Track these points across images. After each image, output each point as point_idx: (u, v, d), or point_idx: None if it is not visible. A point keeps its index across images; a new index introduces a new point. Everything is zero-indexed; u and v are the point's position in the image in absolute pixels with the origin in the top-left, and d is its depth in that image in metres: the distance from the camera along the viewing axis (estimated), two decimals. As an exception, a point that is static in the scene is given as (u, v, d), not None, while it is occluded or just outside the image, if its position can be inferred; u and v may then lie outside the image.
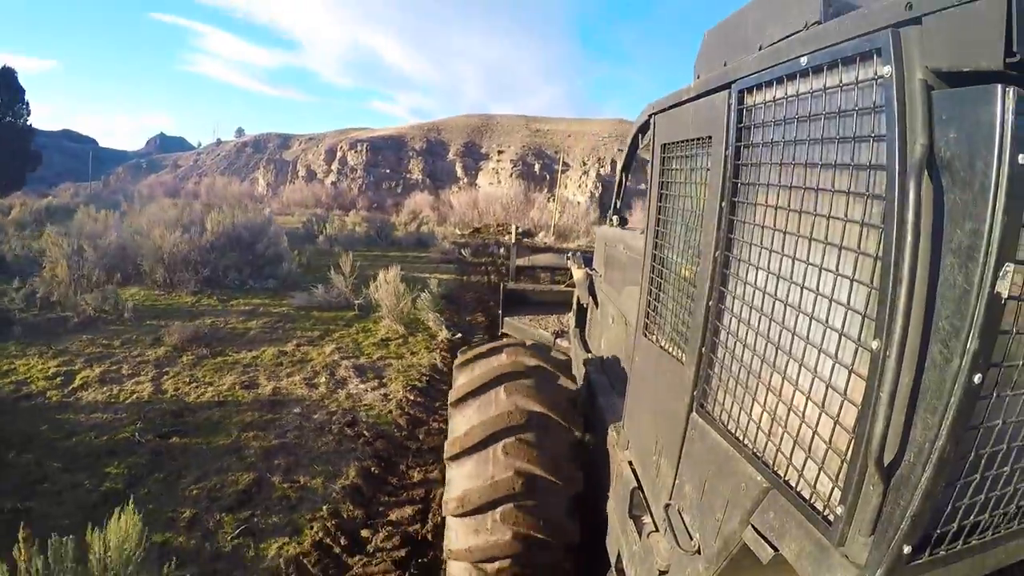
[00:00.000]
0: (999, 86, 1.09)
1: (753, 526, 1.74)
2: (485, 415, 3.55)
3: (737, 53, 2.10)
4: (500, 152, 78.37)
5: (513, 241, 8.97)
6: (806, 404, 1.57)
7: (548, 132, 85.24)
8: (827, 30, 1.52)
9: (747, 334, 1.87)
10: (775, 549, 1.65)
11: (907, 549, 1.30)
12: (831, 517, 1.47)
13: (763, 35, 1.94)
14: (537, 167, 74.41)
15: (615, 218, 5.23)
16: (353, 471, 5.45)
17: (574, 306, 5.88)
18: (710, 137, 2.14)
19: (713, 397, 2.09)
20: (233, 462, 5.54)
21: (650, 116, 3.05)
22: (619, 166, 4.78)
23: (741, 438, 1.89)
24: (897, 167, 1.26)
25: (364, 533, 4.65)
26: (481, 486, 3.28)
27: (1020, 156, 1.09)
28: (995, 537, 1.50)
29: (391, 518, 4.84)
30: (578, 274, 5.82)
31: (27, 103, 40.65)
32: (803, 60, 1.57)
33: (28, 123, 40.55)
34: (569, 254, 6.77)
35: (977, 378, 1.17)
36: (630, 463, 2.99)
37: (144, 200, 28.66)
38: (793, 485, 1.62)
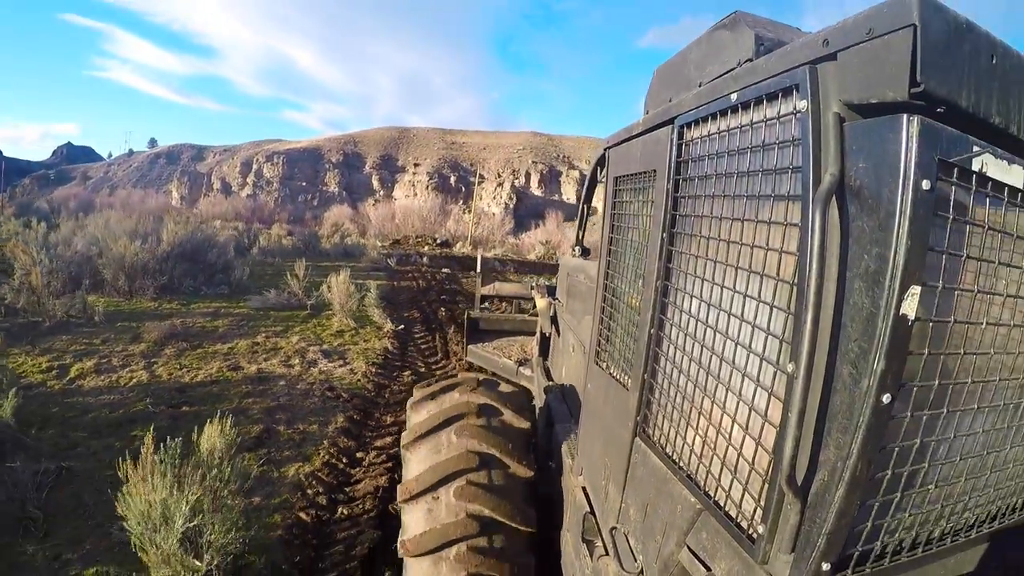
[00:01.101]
0: (904, 115, 1.14)
1: (688, 547, 1.78)
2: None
3: (680, 90, 2.17)
4: (416, 165, 79.34)
5: (478, 270, 9.15)
6: (732, 427, 1.61)
7: (464, 145, 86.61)
8: (755, 67, 1.58)
9: (682, 360, 1.92)
10: (708, 569, 1.68)
11: (826, 567, 1.33)
12: (755, 536, 1.50)
13: (703, 73, 2.02)
14: (453, 179, 75.80)
15: (577, 249, 5.31)
16: (341, 419, 7.08)
17: (537, 335, 5.89)
18: (655, 171, 2.21)
19: (654, 422, 2.15)
20: (242, 419, 6.95)
21: (605, 150, 3.15)
22: (581, 199, 4.91)
23: (677, 461, 1.94)
24: (810, 196, 1.30)
25: (359, 455, 6.33)
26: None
27: (924, 182, 1.13)
28: (927, 554, 1.53)
29: (376, 445, 6.54)
30: (541, 303, 5.87)
31: None
32: (733, 96, 1.64)
33: None
34: (533, 284, 6.93)
35: (886, 398, 1.20)
36: (584, 489, 3.06)
37: (71, 212, 28.73)
38: (722, 506, 1.66)
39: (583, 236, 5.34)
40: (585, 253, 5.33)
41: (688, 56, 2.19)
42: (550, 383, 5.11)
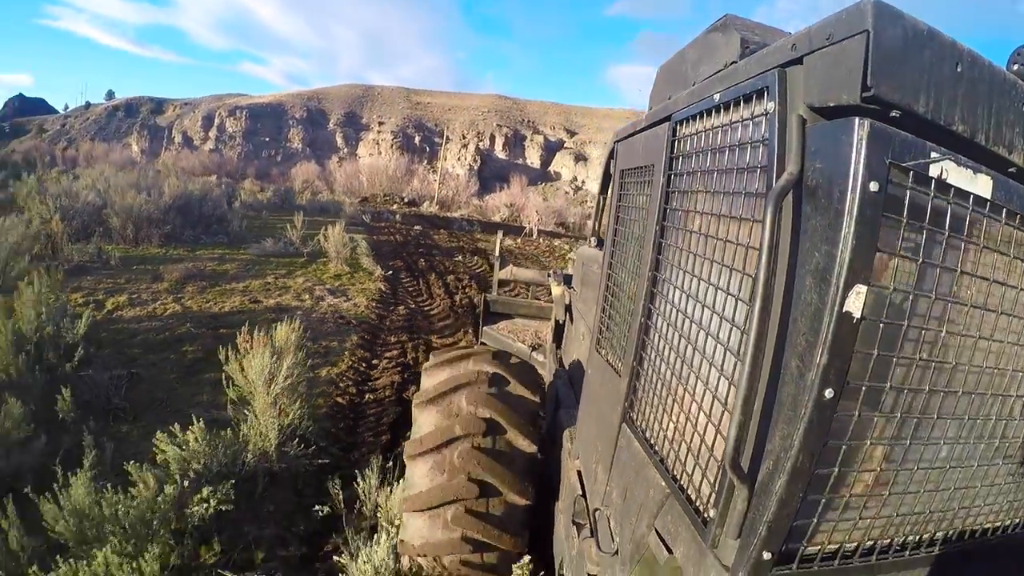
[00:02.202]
0: (856, 118, 1.20)
1: (656, 529, 1.86)
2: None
3: (678, 88, 2.23)
4: (381, 123, 79.53)
5: (497, 253, 9.14)
6: (699, 414, 1.68)
7: (429, 105, 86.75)
8: (736, 69, 1.68)
9: (664, 348, 2.00)
10: (670, 552, 1.75)
11: (767, 555, 1.37)
12: (707, 520, 1.58)
13: (697, 72, 2.09)
14: (417, 139, 76.29)
15: (593, 239, 5.37)
16: (355, 337, 8.94)
17: (552, 323, 5.96)
18: (653, 165, 2.28)
19: (638, 408, 2.23)
20: (274, 337, 8.63)
21: (614, 143, 3.27)
22: (597, 189, 5.00)
23: (653, 446, 2.02)
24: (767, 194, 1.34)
25: (374, 362, 8.17)
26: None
27: (872, 184, 1.18)
28: (882, 562, 1.54)
29: (386, 356, 8.41)
30: (556, 291, 5.95)
31: None
32: (716, 96, 1.73)
33: None
34: (551, 272, 6.97)
35: (828, 392, 1.24)
36: (579, 472, 3.15)
37: (46, 165, 29.34)
38: (685, 490, 1.74)
39: (599, 227, 5.36)
40: (600, 244, 5.29)
41: (686, 56, 2.28)
42: (560, 369, 5.29)
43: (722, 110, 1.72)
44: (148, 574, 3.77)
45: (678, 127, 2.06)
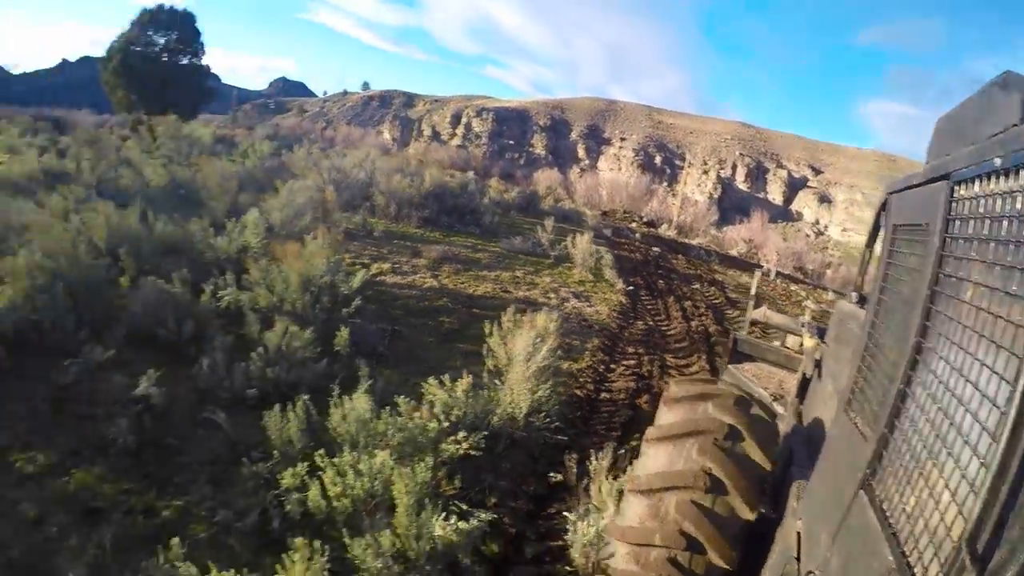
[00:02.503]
0: None
1: None
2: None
3: (957, 144, 2.18)
4: (622, 139, 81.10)
5: (752, 292, 9.21)
6: (942, 490, 1.64)
7: (670, 126, 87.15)
8: (1019, 133, 1.60)
9: (918, 418, 1.96)
10: None
11: None
12: None
13: (977, 130, 2.03)
14: (658, 159, 76.88)
15: (854, 294, 5.22)
16: (596, 340, 9.64)
17: (799, 375, 5.83)
18: (927, 224, 2.23)
19: (879, 477, 2.21)
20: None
21: (887, 195, 3.25)
22: (864, 242, 4.93)
23: (888, 517, 1.99)
24: None
25: (612, 366, 8.81)
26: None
27: None
28: None
29: (623, 363, 9.00)
30: (809, 344, 5.90)
31: (203, 44, 46.24)
32: (997, 160, 1.66)
33: (204, 63, 46.13)
34: (805, 322, 6.93)
35: None
36: (798, 534, 3.14)
37: (310, 142, 33.63)
38: (912, 567, 1.70)
39: (862, 282, 5.21)
40: (861, 301, 5.09)
41: (966, 110, 2.22)
42: (799, 425, 5.21)
43: (1003, 175, 1.65)
44: (419, 479, 4.65)
45: (956, 187, 2.00)
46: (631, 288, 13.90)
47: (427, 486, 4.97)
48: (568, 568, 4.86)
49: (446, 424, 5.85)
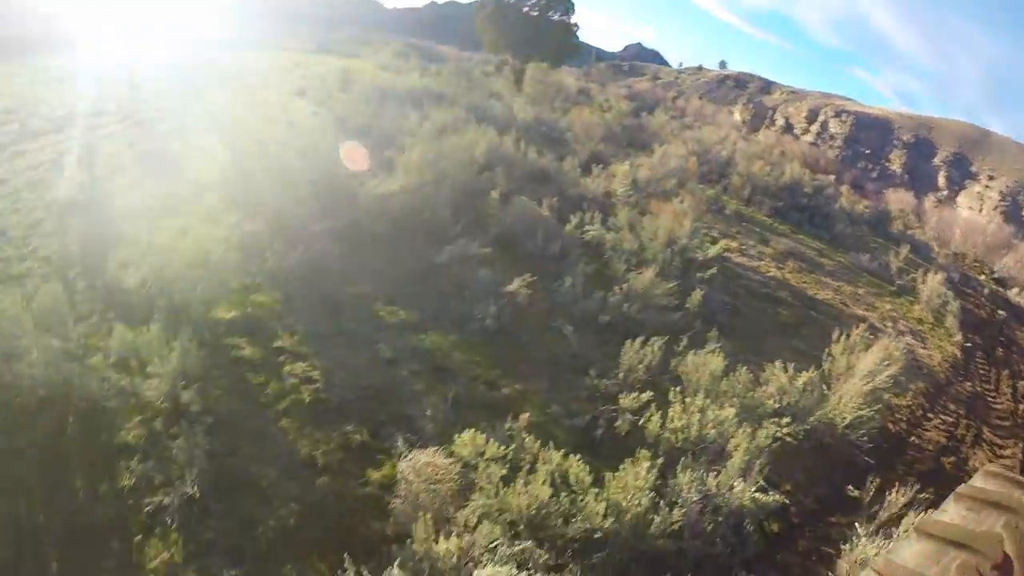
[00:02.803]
0: None
1: None
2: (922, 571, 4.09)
3: None
4: (991, 178, 72.25)
5: None
6: None
7: (1050, 173, 76.09)
8: None
9: None
10: None
11: None
12: None
13: None
14: (1027, 211, 67.70)
15: None
16: (921, 384, 9.68)
17: None
18: None
19: None
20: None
21: None
22: None
23: None
24: None
25: (928, 415, 8.91)
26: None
27: None
28: None
29: (941, 415, 8.99)
30: None
31: (573, 3, 48.71)
32: None
33: (573, 21, 48.68)
34: None
35: None
36: None
37: (677, 112, 34.49)
38: None
39: None
40: None
41: None
42: None
43: None
44: (760, 443, 5.65)
45: None
46: (968, 345, 12.95)
47: (761, 450, 5.60)
48: (829, 574, 5.30)
49: (776, 406, 6.42)
